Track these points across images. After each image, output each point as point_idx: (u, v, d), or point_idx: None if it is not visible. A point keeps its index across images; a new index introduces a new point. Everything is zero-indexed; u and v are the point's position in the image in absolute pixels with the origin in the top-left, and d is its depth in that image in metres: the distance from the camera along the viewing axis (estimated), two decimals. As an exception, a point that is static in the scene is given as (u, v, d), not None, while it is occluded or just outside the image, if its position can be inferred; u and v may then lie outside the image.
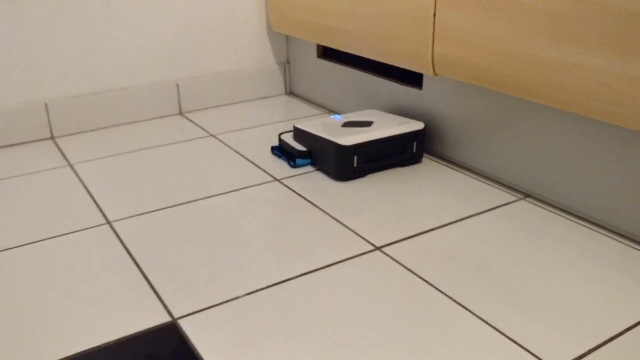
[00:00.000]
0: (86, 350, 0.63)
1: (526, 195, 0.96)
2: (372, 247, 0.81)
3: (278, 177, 1.04)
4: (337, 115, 1.12)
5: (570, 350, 0.62)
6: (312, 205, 0.94)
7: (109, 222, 0.90)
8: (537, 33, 0.78)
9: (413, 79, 1.18)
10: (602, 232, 0.84)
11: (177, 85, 1.39)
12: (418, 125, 1.06)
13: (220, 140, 1.23)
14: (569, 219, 0.88)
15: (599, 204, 0.86)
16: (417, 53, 0.98)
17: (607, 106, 0.73)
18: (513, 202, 0.94)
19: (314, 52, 1.42)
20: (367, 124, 1.07)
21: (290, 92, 1.56)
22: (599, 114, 0.75)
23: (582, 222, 0.87)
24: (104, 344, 0.64)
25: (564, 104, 0.78)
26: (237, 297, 0.71)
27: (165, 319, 0.68)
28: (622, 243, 0.82)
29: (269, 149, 1.17)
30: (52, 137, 1.27)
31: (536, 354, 0.61)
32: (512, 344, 0.63)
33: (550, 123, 0.90)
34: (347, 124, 1.07)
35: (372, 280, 0.74)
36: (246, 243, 0.83)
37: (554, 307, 0.68)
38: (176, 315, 0.68)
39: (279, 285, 0.73)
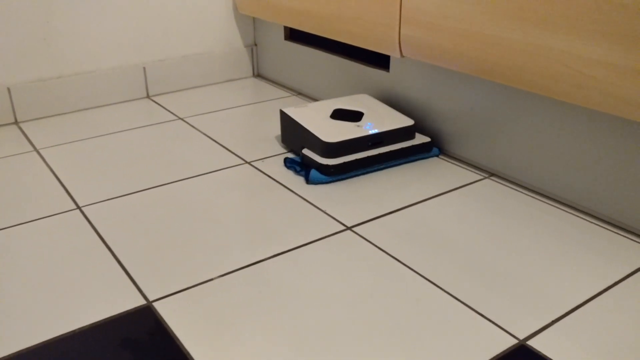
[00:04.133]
0: (61, 336, 0.63)
1: (491, 174, 0.99)
2: (343, 227, 0.83)
3: (248, 160, 1.05)
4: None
5: (535, 322, 0.65)
6: (283, 187, 0.95)
7: (79, 207, 0.90)
8: (502, 15, 0.80)
9: (380, 61, 1.19)
10: (563, 209, 0.88)
11: (144, 68, 1.37)
12: (408, 122, 1.02)
13: (189, 124, 1.22)
14: (532, 197, 0.91)
15: (561, 182, 0.89)
16: (383, 35, 0.99)
17: (569, 87, 0.76)
18: (478, 180, 0.96)
19: (281, 34, 1.42)
20: (358, 116, 1.04)
21: (258, 75, 1.55)
22: (561, 95, 0.77)
23: (544, 200, 0.90)
24: (79, 329, 0.64)
25: (528, 85, 0.81)
26: (211, 279, 0.72)
27: (140, 302, 0.69)
28: (582, 219, 0.85)
29: (238, 131, 1.18)
30: (15, 122, 1.25)
31: (503, 326, 0.64)
32: (480, 317, 0.65)
33: (515, 104, 0.92)
34: (337, 115, 1.05)
35: (344, 259, 0.76)
36: (218, 225, 0.84)
37: (518, 280, 0.71)
38: (151, 298, 0.69)
39: (252, 267, 0.75)
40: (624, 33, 0.68)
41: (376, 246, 0.78)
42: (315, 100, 1.35)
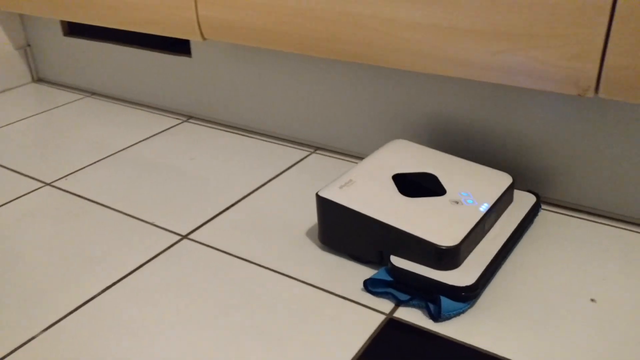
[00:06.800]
0: None
1: (317, 148, 0.97)
2: (178, 237, 0.75)
3: (48, 181, 0.90)
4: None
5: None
6: (97, 205, 0.82)
7: None
8: (302, -15, 0.77)
9: (180, 46, 1.10)
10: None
11: None
12: (505, 179, 0.74)
13: (-37, 150, 1.02)
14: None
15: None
16: (181, 19, 0.90)
17: (381, 51, 0.75)
18: (306, 157, 0.94)
19: (58, 29, 1.25)
20: (435, 184, 0.73)
21: (39, 79, 1.35)
22: (375, 60, 0.76)
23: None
24: None
25: (342, 55, 0.78)
26: (34, 337, 0.60)
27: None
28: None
29: (26, 148, 1.00)
30: None
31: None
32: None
33: (311, 72, 0.90)
34: (406, 187, 0.72)
35: (185, 272, 0.68)
36: (26, 269, 0.70)
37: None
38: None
39: (81, 309, 0.63)
40: (426, -9, 0.68)
41: (217, 249, 0.72)
42: (119, 99, 1.22)
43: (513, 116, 0.78)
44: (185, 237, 0.75)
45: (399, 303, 0.62)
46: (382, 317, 0.60)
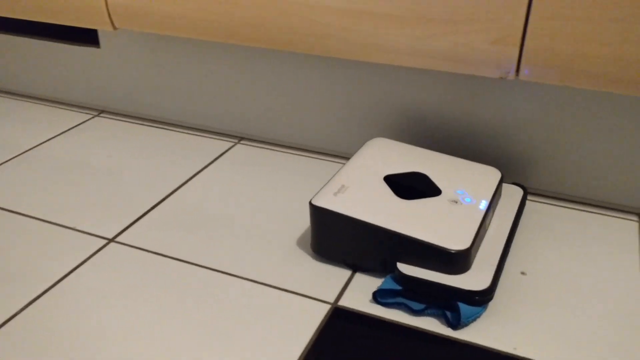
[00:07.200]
0: None
1: (241, 138, 0.95)
2: (104, 241, 0.70)
3: (-51, 188, 0.82)
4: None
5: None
6: (8, 213, 0.76)
7: None
8: (221, -29, 0.74)
9: (86, 35, 1.03)
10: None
11: None
12: (494, 173, 0.73)
13: None
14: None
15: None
16: (87, 7, 0.85)
17: (307, 38, 0.74)
18: (230, 148, 0.91)
19: (-59, 20, 1.13)
20: (427, 183, 0.69)
21: None
22: (302, 47, 0.75)
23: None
24: None
25: (268, 43, 0.76)
26: (-47, 362, 0.55)
27: None
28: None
29: None
30: None
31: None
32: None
33: (230, 61, 0.88)
34: (400, 189, 0.68)
35: (118, 277, 0.64)
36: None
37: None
38: None
39: (9, 324, 0.58)
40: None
41: (147, 251, 0.68)
42: (20, 95, 1.12)
43: (477, 105, 0.80)
44: (112, 240, 0.71)
45: (413, 313, 0.59)
46: (327, 307, 0.60)
